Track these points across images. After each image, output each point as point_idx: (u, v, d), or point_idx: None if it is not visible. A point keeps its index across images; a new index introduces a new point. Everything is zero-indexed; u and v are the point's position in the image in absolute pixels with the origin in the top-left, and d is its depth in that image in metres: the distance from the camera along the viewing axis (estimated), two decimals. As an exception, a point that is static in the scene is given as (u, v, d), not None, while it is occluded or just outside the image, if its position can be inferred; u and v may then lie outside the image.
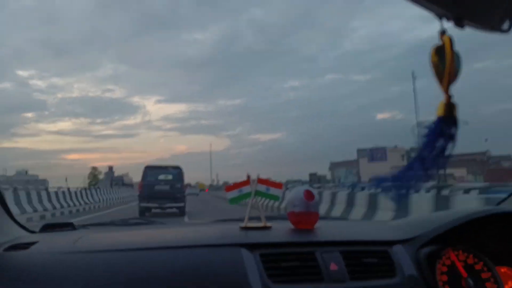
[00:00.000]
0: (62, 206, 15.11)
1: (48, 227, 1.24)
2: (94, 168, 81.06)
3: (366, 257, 0.97)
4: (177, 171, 13.27)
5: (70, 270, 0.83)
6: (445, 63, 0.49)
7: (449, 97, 0.50)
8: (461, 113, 0.51)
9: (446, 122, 0.50)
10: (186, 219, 9.88)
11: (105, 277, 0.82)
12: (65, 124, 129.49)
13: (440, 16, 0.48)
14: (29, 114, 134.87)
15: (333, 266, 0.93)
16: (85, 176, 75.20)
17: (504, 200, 1.40)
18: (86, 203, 18.08)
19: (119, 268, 0.85)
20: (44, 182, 52.27)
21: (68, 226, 1.28)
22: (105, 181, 67.34)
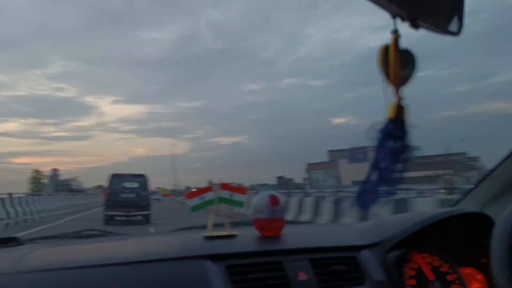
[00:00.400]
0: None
1: None
2: (37, 172, 71.94)
3: (335, 264, 0.94)
4: (143, 179, 13.44)
5: None
6: (390, 64, 0.50)
7: (399, 99, 0.50)
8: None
9: (396, 124, 0.50)
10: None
11: None
12: (12, 125, 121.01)
13: (394, 16, 0.48)
14: None
15: (301, 276, 0.89)
16: (26, 181, 68.37)
17: (460, 200, 1.43)
18: (24, 215, 13.85)
19: None
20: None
21: (11, 241, 1.14)
22: (49, 186, 61.34)
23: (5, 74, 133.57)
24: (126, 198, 12.70)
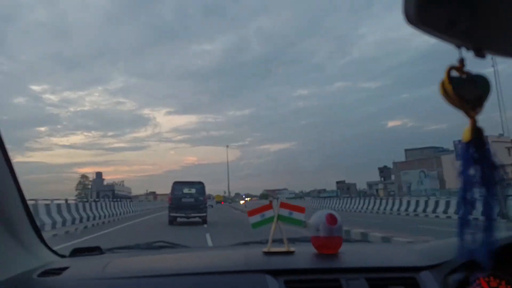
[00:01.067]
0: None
1: (77, 252, 1.28)
2: (83, 176, 68.24)
3: (393, 284, 0.95)
4: (200, 186, 15.47)
5: None
6: (452, 91, 0.48)
7: (474, 121, 0.48)
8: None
9: (476, 147, 0.47)
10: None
11: None
12: (77, 138, 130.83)
13: (458, 46, 0.48)
14: (42, 128, 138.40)
15: None
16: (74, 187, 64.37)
17: None
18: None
19: None
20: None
21: (95, 250, 1.31)
22: (92, 191, 55.07)
23: (72, 91, 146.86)
24: (186, 202, 14.76)
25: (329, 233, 1.10)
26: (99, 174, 65.33)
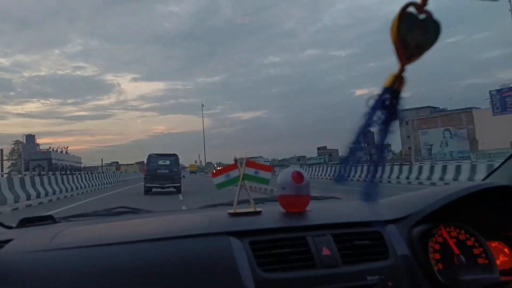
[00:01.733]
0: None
1: (26, 222, 1.18)
2: (18, 143, 51.15)
3: (359, 239, 0.95)
4: (174, 158, 16.46)
5: (46, 269, 0.78)
6: (397, 30, 0.45)
7: (400, 70, 0.47)
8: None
9: (391, 95, 0.48)
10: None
11: (83, 275, 0.77)
12: (33, 106, 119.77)
13: None
14: None
15: (325, 251, 0.90)
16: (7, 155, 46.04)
17: (491, 173, 1.39)
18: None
19: (100, 264, 0.80)
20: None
21: (47, 220, 1.21)
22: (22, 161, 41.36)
23: (25, 54, 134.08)
24: (161, 173, 15.54)
25: (296, 191, 1.08)
26: (30, 138, 49.08)
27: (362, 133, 0.49)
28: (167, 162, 16.06)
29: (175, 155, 16.67)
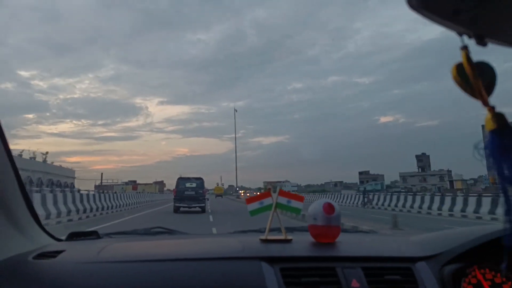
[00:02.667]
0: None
1: (74, 236, 1.28)
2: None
3: (389, 274, 0.95)
4: (200, 181, 18.80)
5: (95, 280, 0.85)
6: (469, 79, 0.47)
7: (492, 109, 0.47)
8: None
9: (502, 134, 0.46)
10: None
11: (129, 287, 0.84)
12: (66, 126, 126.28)
13: (460, 34, 0.48)
14: (30, 115, 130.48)
15: (354, 283, 0.92)
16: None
17: None
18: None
19: (142, 279, 0.86)
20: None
21: (92, 235, 1.31)
22: None
23: (61, 78, 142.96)
24: (189, 195, 17.98)
25: (326, 222, 1.10)
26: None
27: (506, 180, 0.46)
28: (194, 185, 18.35)
29: (200, 178, 18.95)
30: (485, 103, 0.47)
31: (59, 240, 1.25)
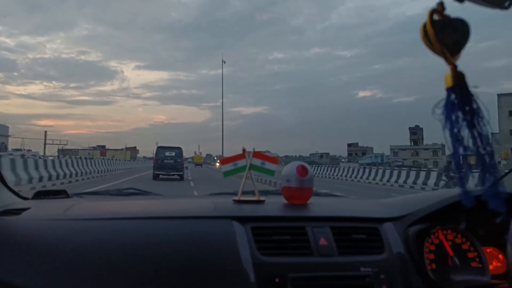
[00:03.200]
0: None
1: (41, 194, 1.24)
2: None
3: (356, 233, 0.98)
4: (179, 150, 19.34)
5: (60, 237, 0.84)
6: (434, 34, 0.47)
7: (454, 67, 0.47)
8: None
9: (460, 92, 0.47)
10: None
11: (94, 245, 0.82)
12: (36, 87, 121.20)
13: None
14: None
15: (322, 241, 0.94)
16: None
17: (499, 179, 1.40)
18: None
19: (109, 236, 0.85)
20: None
21: (61, 194, 1.28)
22: None
23: (31, 36, 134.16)
24: (168, 163, 18.41)
25: (299, 184, 1.11)
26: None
27: (455, 138, 0.47)
28: (173, 154, 18.89)
29: (179, 148, 19.50)
30: (448, 61, 0.48)
31: (25, 199, 1.22)
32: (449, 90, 0.47)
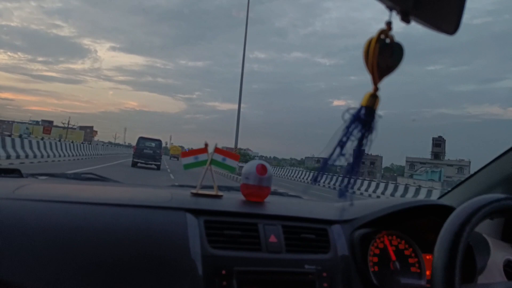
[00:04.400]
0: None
1: None
2: None
3: (305, 233, 1.02)
4: (158, 142, 21.67)
5: (4, 217, 0.81)
6: (377, 54, 0.50)
7: (376, 89, 0.52)
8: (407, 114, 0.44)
9: (367, 113, 0.53)
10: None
11: (40, 227, 0.81)
12: None
13: (390, 8, 0.50)
14: None
15: (272, 238, 0.97)
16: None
17: (445, 194, 1.50)
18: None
19: (55, 220, 0.84)
20: None
21: (14, 173, 1.24)
22: None
23: None
24: (147, 153, 20.42)
25: (258, 182, 1.14)
26: None
27: (340, 144, 0.53)
28: (152, 145, 20.94)
29: (159, 140, 21.95)
30: (374, 82, 0.52)
31: None
32: (362, 107, 0.53)
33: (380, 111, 0.55)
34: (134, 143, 21.69)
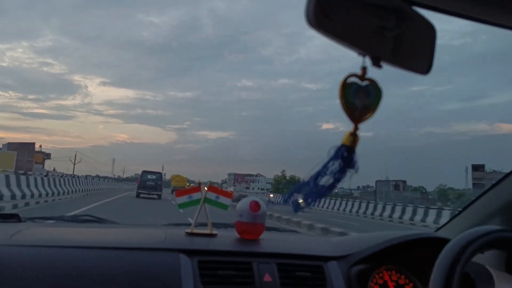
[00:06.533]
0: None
1: None
2: None
3: (300, 271, 1.01)
4: (159, 174, 24.74)
5: (1, 263, 0.82)
6: (342, 98, 0.53)
7: (356, 129, 0.54)
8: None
9: (347, 150, 0.54)
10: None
11: (34, 273, 0.81)
12: None
13: (362, 55, 0.52)
14: None
15: (267, 277, 0.96)
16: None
17: (443, 226, 1.47)
18: None
19: (50, 265, 0.85)
20: None
21: (13, 218, 1.25)
22: None
23: None
24: (149, 184, 23.23)
25: (251, 219, 1.14)
26: None
27: (319, 174, 0.55)
28: (154, 177, 23.87)
29: (160, 173, 25.28)
30: (353, 121, 0.53)
31: None
32: (343, 146, 0.54)
33: (369, 132, 0.55)
34: (123, 176, 24.70)
